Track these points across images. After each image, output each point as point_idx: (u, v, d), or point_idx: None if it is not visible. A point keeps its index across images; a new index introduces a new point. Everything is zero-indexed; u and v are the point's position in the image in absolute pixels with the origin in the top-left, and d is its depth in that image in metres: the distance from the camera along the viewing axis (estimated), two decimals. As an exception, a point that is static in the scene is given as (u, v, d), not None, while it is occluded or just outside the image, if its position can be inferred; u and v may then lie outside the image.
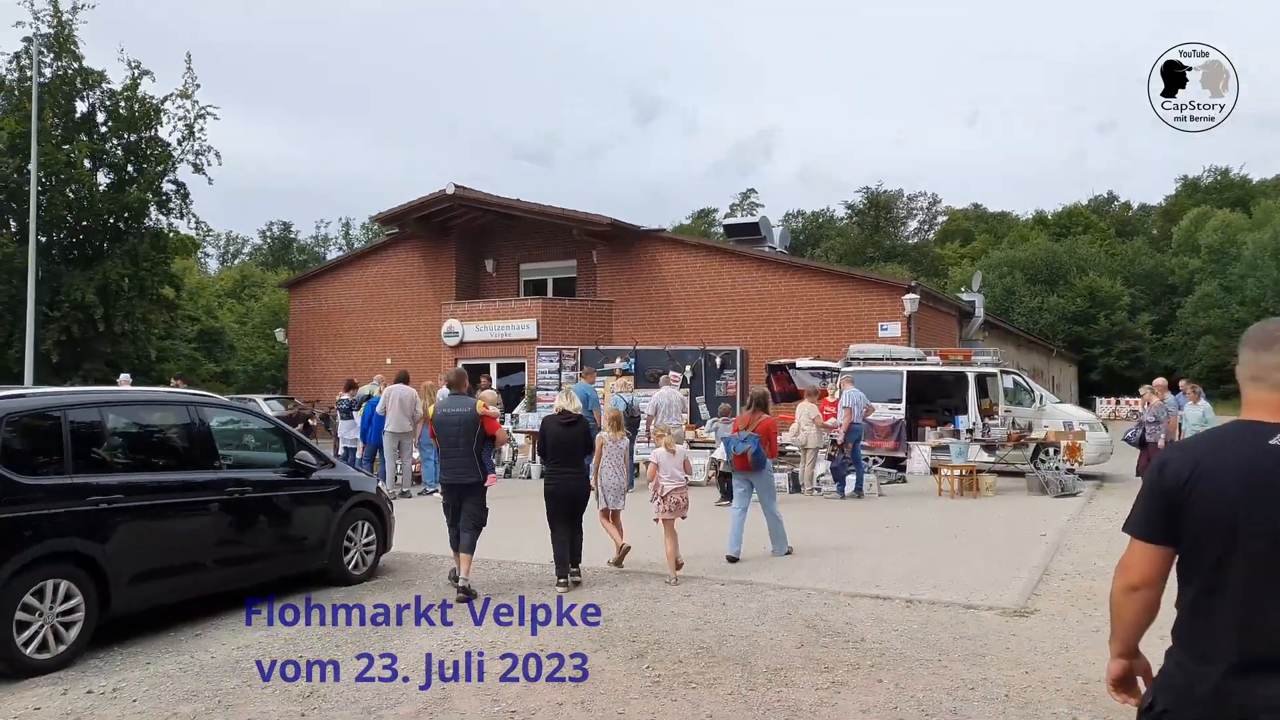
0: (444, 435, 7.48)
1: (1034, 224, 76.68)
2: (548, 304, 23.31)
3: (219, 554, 6.41)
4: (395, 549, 8.95)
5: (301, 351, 28.56)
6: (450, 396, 7.83)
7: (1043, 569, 8.28)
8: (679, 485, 7.91)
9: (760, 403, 9.05)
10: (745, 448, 8.60)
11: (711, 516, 11.45)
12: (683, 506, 7.91)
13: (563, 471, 7.66)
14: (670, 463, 7.96)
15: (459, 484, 7.40)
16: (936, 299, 24.06)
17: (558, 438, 7.66)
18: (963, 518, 11.54)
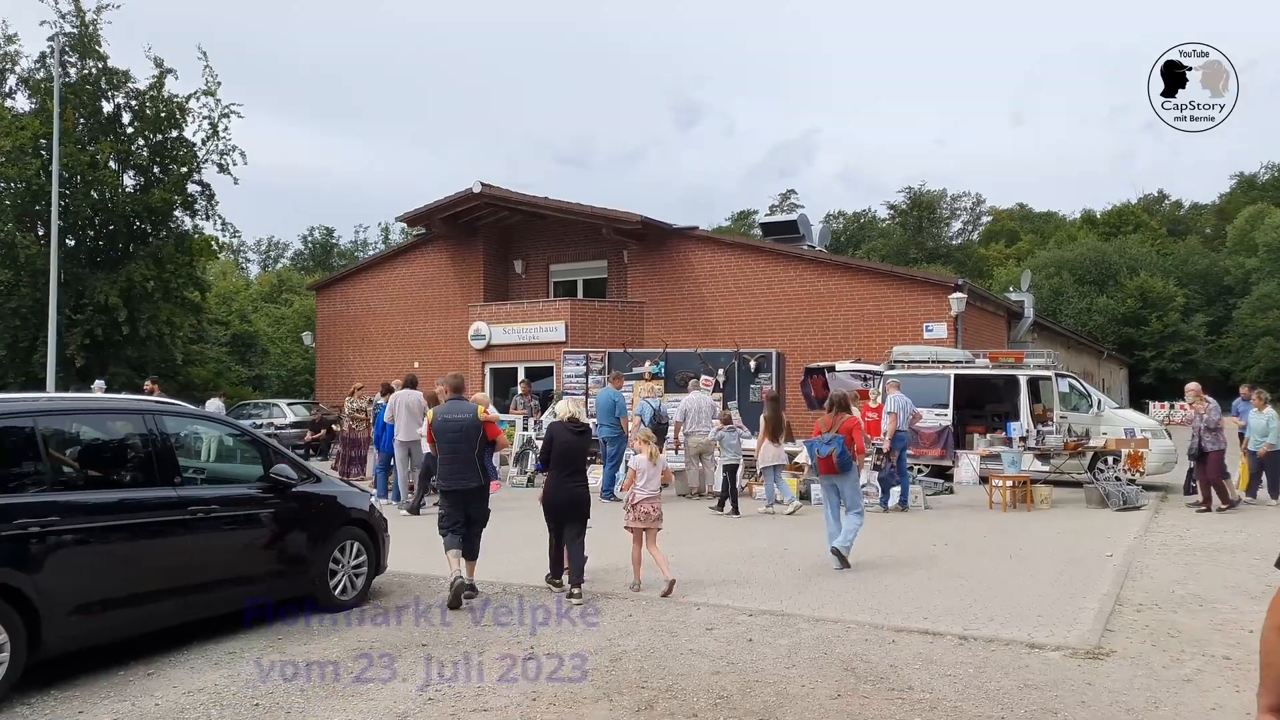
0: (445, 441, 7.36)
1: (1082, 223, 74.60)
2: (576, 305, 22.58)
3: (178, 582, 5.70)
4: (396, 568, 8.24)
5: (329, 355, 28.15)
6: (450, 402, 7.62)
7: (1114, 598, 7.30)
8: (651, 495, 7.61)
9: (842, 404, 8.84)
10: (829, 449, 8.36)
11: (739, 532, 10.60)
12: (653, 517, 7.60)
13: (567, 480, 7.42)
14: (649, 471, 7.65)
15: (463, 490, 7.31)
16: (984, 299, 22.92)
17: (567, 445, 7.41)
18: (1017, 534, 10.55)
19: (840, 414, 8.68)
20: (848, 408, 8.89)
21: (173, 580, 5.67)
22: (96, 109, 24.28)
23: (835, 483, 8.61)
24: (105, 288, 23.00)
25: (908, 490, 12.74)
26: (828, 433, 8.52)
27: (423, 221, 24.94)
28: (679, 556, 9.05)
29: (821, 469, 8.58)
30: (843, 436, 8.43)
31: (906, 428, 12.91)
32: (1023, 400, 15.78)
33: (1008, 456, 13.52)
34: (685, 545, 9.74)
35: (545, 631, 6.37)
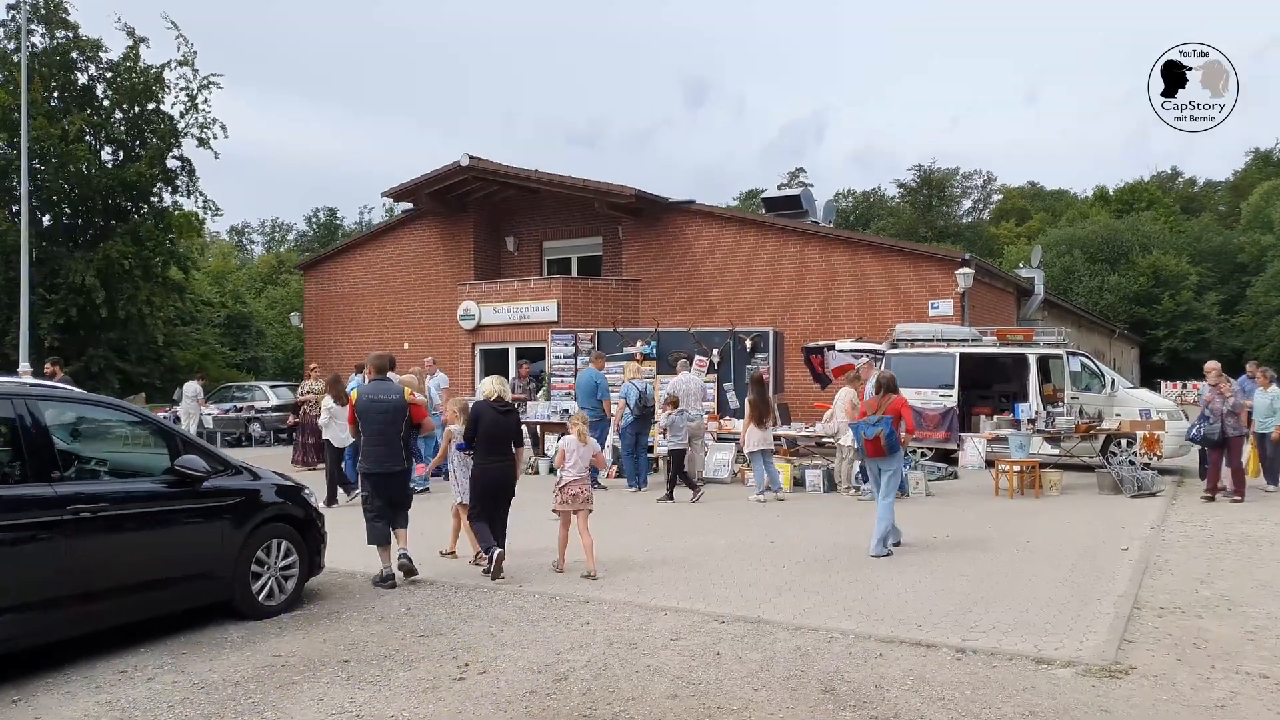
0: (371, 424, 7.16)
1: (1095, 200, 73.27)
2: (569, 284, 21.76)
3: (57, 592, 4.97)
4: (340, 567, 7.53)
5: (317, 336, 27.42)
6: (375, 383, 7.36)
7: (1132, 600, 6.52)
8: (579, 477, 7.45)
9: (890, 385, 8.67)
10: (877, 431, 8.25)
11: (725, 523, 9.84)
12: (582, 499, 7.45)
13: (496, 461, 7.29)
14: (579, 452, 7.47)
15: (388, 473, 7.18)
16: (993, 274, 22.01)
17: (494, 425, 7.24)
18: (1025, 524, 9.77)
19: (888, 395, 8.52)
20: (895, 388, 8.68)
21: (49, 590, 4.93)
22: (69, 81, 23.48)
23: (880, 465, 8.44)
24: (81, 267, 22.29)
25: (905, 478, 11.94)
26: (874, 414, 8.39)
27: (409, 197, 24.12)
28: (656, 551, 8.33)
29: (869, 451, 8.43)
30: (891, 418, 8.30)
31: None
32: (1032, 380, 14.97)
33: (1015, 440, 12.71)
34: (664, 539, 9.01)
35: (486, 643, 5.63)
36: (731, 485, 13.24)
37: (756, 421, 11.59)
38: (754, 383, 12.00)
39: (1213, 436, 11.78)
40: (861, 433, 8.48)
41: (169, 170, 25.02)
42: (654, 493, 12.51)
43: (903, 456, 8.73)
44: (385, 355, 7.59)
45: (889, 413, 8.40)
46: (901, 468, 8.81)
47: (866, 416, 8.54)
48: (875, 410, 8.49)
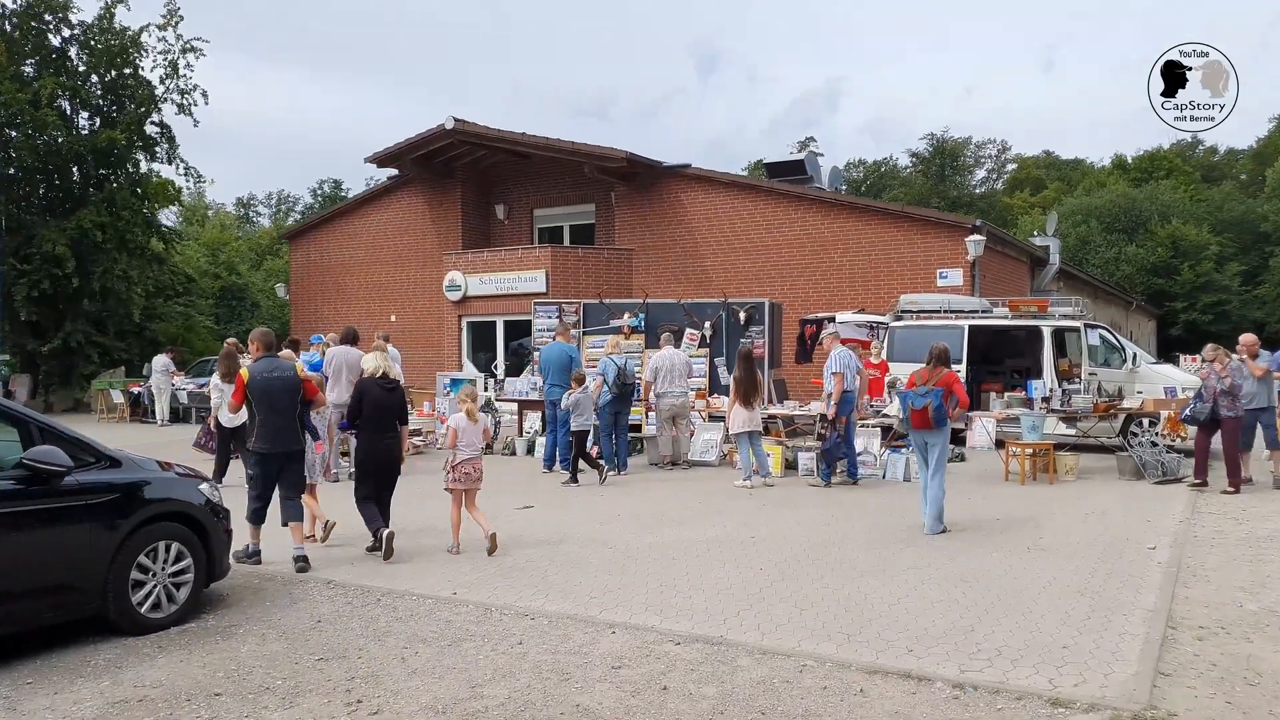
0: (265, 401, 6.80)
1: (1113, 169, 71.46)
2: (558, 253, 20.74)
3: None
4: (265, 568, 6.65)
5: (303, 308, 26.55)
6: (266, 359, 6.97)
7: (1165, 616, 5.56)
8: (473, 456, 7.35)
9: (941, 357, 8.31)
10: (925, 402, 7.92)
11: (703, 513, 8.90)
12: (474, 477, 7.36)
13: (381, 439, 7.19)
14: (470, 431, 7.35)
15: (284, 452, 6.88)
16: (1005, 243, 20.87)
17: (378, 403, 7.14)
18: (1037, 516, 8.81)
19: (939, 367, 8.21)
20: (947, 361, 8.34)
21: None
22: (41, 44, 22.45)
23: (927, 439, 8.10)
24: (55, 236, 21.38)
25: (855, 463, 11.02)
26: (924, 385, 8.09)
27: (394, 162, 23.08)
28: (620, 547, 7.40)
29: (915, 422, 8.06)
30: (941, 390, 7.99)
31: (854, 388, 11.12)
32: (1046, 354, 13.95)
33: (1028, 420, 11.72)
34: (631, 532, 8.07)
35: (394, 670, 4.72)
36: (719, 469, 12.31)
37: (742, 400, 10.64)
38: (741, 358, 11.02)
39: (1200, 416, 10.58)
40: (909, 403, 8.09)
41: (149, 137, 24.02)
42: (634, 477, 11.61)
43: (949, 432, 8.31)
44: (268, 331, 7.23)
45: (940, 385, 8.03)
46: (948, 443, 8.37)
47: (915, 386, 8.17)
48: (925, 381, 8.14)
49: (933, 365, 8.29)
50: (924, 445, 8.21)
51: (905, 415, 8.25)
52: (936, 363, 8.28)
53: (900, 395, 8.61)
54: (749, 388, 10.70)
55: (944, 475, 8.10)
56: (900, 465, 11.24)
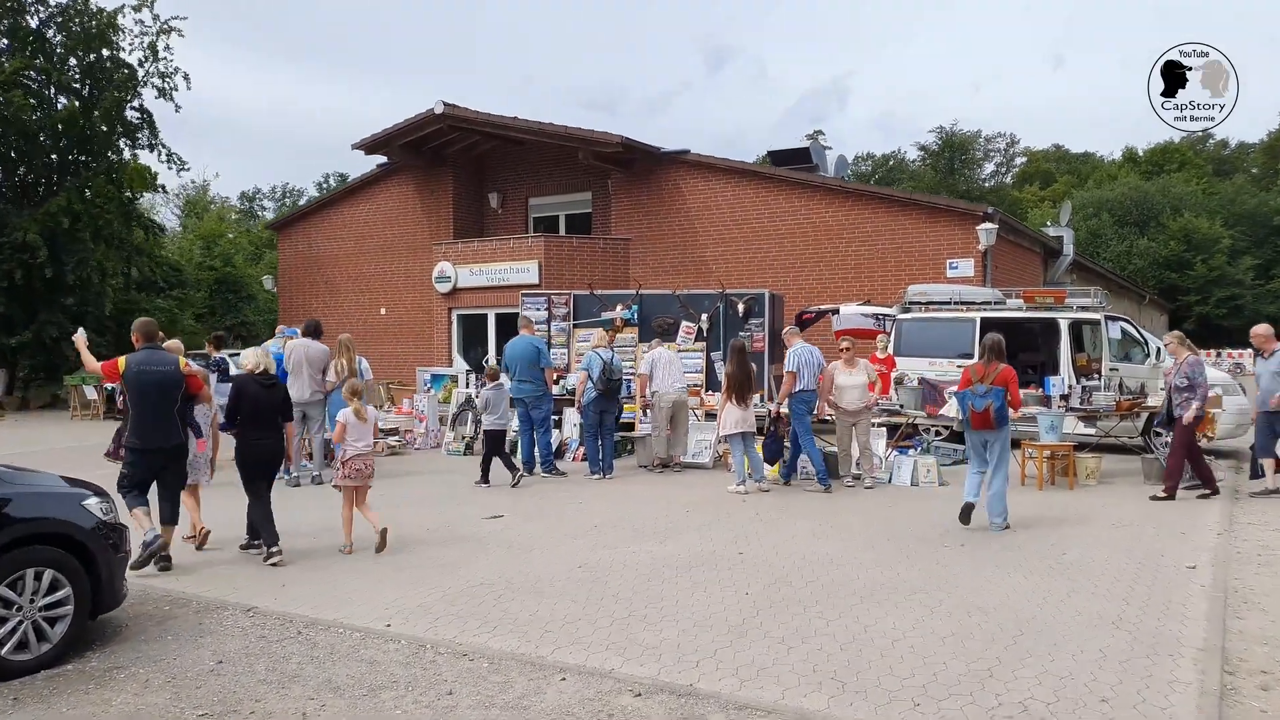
0: (143, 396, 6.52)
1: (1124, 162, 70.31)
2: (551, 243, 19.88)
3: None
4: (177, 588, 5.84)
5: (292, 301, 25.75)
6: (146, 351, 6.70)
7: (1219, 657, 4.71)
8: (362, 452, 7.27)
9: (996, 350, 7.94)
10: (987, 403, 7.64)
11: (687, 524, 8.04)
12: (365, 474, 7.30)
13: (261, 438, 6.94)
14: (358, 428, 7.29)
15: (163, 449, 6.55)
16: (1018, 232, 19.93)
17: (258, 400, 6.91)
18: (1060, 528, 7.95)
19: (995, 362, 7.86)
20: (1002, 354, 7.98)
21: None
22: (17, 24, 21.65)
23: (988, 439, 7.81)
24: (27, 224, 20.60)
25: (795, 464, 10.38)
26: (981, 383, 7.76)
27: (382, 149, 22.22)
28: (590, 564, 6.55)
29: (975, 424, 7.76)
30: (1002, 389, 7.70)
31: (814, 386, 10.29)
32: (1064, 349, 13.07)
33: (1046, 420, 10.83)
34: (606, 547, 7.24)
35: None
36: (713, 471, 11.47)
37: (736, 398, 9.79)
38: (734, 352, 10.17)
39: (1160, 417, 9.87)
40: (969, 403, 7.77)
41: (129, 122, 23.22)
42: (621, 481, 10.79)
43: (1009, 431, 7.96)
44: (150, 321, 6.95)
45: (998, 383, 7.72)
46: (1009, 439, 7.97)
47: (971, 385, 7.84)
48: (982, 377, 7.79)
49: (988, 360, 7.92)
50: (982, 444, 7.89)
51: (965, 416, 7.89)
52: (992, 356, 7.92)
53: (958, 395, 8.16)
54: (743, 384, 9.87)
55: (1007, 471, 7.86)
56: (907, 468, 10.39)
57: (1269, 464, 9.67)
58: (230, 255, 42.99)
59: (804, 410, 10.17)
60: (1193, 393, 9.30)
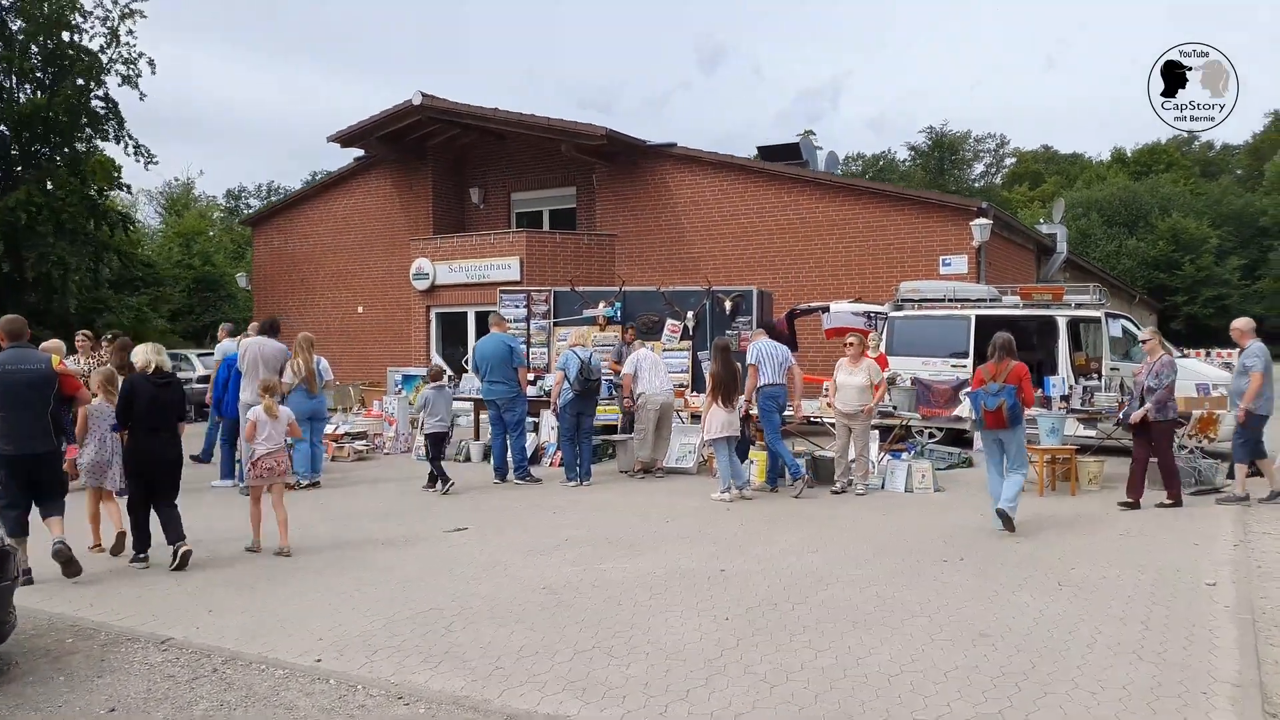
0: (13, 397, 6.16)
1: (1112, 162, 70.17)
2: (533, 238, 19.27)
3: None
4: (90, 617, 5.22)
5: (267, 300, 25.04)
6: (12, 350, 6.34)
7: (1258, 693, 4.16)
8: (274, 449, 7.17)
9: (1007, 348, 7.87)
10: (999, 402, 7.60)
11: (665, 536, 7.45)
12: (277, 472, 7.19)
13: (153, 440, 6.64)
14: (269, 426, 7.21)
15: (33, 454, 6.19)
16: (1012, 228, 19.41)
17: (152, 400, 6.60)
18: (1064, 538, 7.41)
19: (1005, 359, 7.79)
20: (1014, 352, 7.90)
21: None
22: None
23: (1001, 437, 7.76)
24: (-19, 219, 19.87)
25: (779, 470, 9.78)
26: (994, 382, 7.70)
27: (359, 142, 21.56)
28: (555, 586, 5.94)
29: (989, 423, 7.70)
30: (1014, 386, 7.64)
31: (780, 381, 9.79)
32: (1062, 347, 12.56)
33: (1046, 422, 10.29)
34: (575, 564, 6.64)
35: None
36: (697, 477, 10.88)
37: (723, 399, 9.21)
38: (718, 351, 9.58)
39: (1129, 419, 9.03)
40: (981, 402, 7.71)
41: (94, 112, 22.44)
42: (599, 488, 10.21)
43: (1024, 429, 7.90)
44: (17, 318, 6.57)
45: (1010, 380, 7.66)
46: (1024, 435, 7.92)
47: (984, 384, 7.78)
48: (994, 376, 7.74)
49: (999, 358, 7.84)
50: (996, 442, 7.82)
51: (978, 416, 7.81)
52: (1003, 354, 7.84)
53: (970, 395, 8.09)
54: (729, 385, 9.29)
55: (1025, 469, 7.86)
56: (901, 474, 9.83)
57: (1241, 469, 9.18)
58: (210, 254, 42.23)
59: (772, 407, 9.68)
60: (1159, 393, 8.76)
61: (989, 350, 8.04)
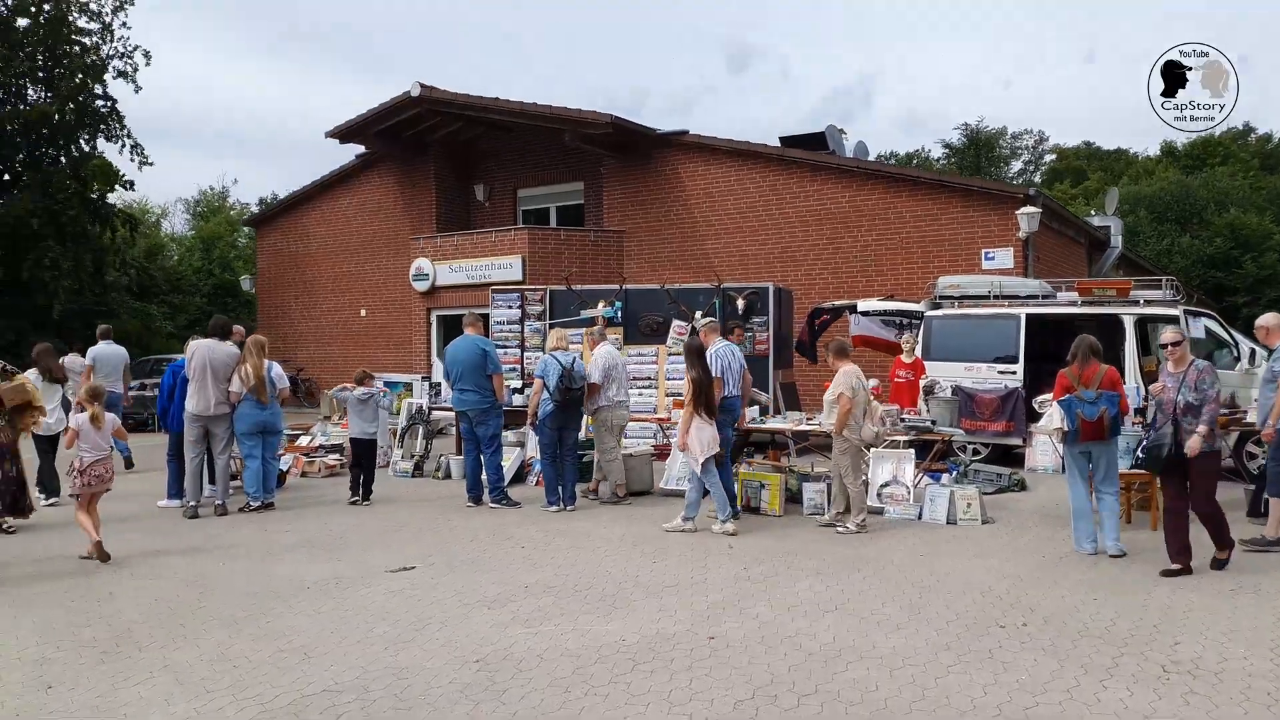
0: None
1: (1162, 157, 67.32)
2: (535, 235, 17.92)
3: None
4: None
5: (271, 303, 23.98)
6: None
7: None
8: (99, 458, 7.03)
9: (1095, 350, 7.04)
10: (1100, 410, 6.75)
11: (641, 583, 5.94)
12: (106, 479, 7.09)
13: None
14: (94, 434, 7.03)
15: None
16: (1061, 219, 17.64)
17: None
18: (1154, 594, 5.82)
19: (1093, 362, 6.95)
20: (1100, 354, 7.06)
21: None
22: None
23: (1093, 449, 6.95)
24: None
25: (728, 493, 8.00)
26: (1087, 389, 6.84)
27: (357, 137, 20.38)
28: (492, 657, 4.43)
29: (1086, 434, 6.80)
30: (1116, 395, 6.87)
31: (737, 392, 8.61)
32: (1129, 351, 10.89)
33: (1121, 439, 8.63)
34: (527, 622, 5.16)
35: None
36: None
37: (706, 411, 7.71)
38: (694, 354, 8.00)
39: (1159, 452, 6.42)
40: (1077, 411, 6.79)
41: (95, 111, 21.54)
42: (583, 516, 8.75)
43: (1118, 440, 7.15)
44: None
45: (1105, 386, 6.86)
46: (1117, 449, 7.15)
47: (1076, 391, 6.87)
48: (1086, 381, 6.87)
49: (1083, 360, 6.98)
50: (1086, 455, 6.99)
51: (1074, 427, 6.84)
52: (1090, 357, 6.98)
53: (1063, 403, 6.96)
54: (711, 394, 7.83)
55: (1118, 483, 7.12)
56: (942, 501, 8.25)
57: (1276, 505, 7.06)
58: (229, 259, 41.57)
59: (727, 420, 8.35)
60: (1198, 414, 6.32)
61: (1070, 353, 7.07)
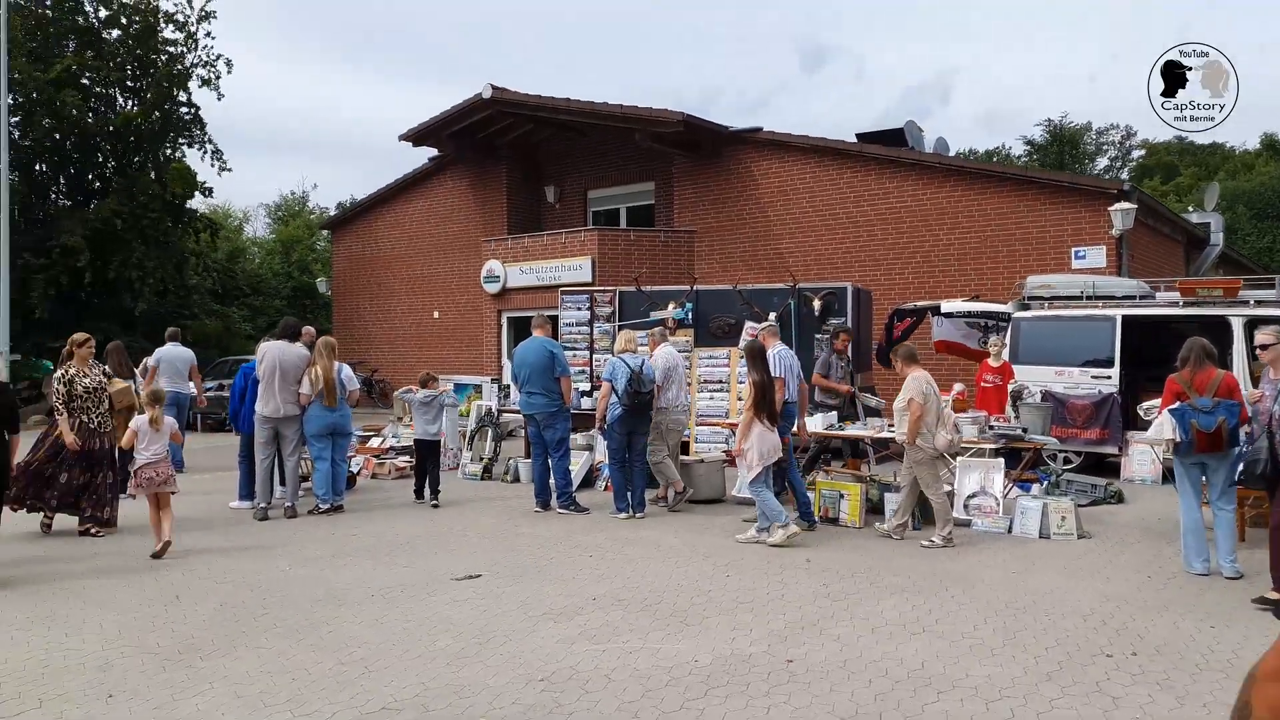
0: None
1: (1262, 150, 64.08)
2: (605, 236, 17.75)
3: None
4: None
5: (346, 306, 24.37)
6: None
7: None
8: (152, 460, 7.09)
9: (1209, 353, 6.56)
10: (1219, 420, 6.17)
11: (712, 600, 5.65)
12: (158, 481, 7.06)
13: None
14: (151, 437, 7.12)
15: None
16: (1157, 215, 16.72)
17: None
18: (1278, 625, 5.30)
19: (1206, 365, 6.45)
20: (1213, 356, 6.60)
21: None
22: (75, 23, 20.85)
23: (1208, 460, 6.39)
24: (75, 226, 19.73)
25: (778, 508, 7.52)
26: (1203, 396, 6.30)
27: (430, 140, 20.53)
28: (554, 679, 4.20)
29: (1201, 445, 6.24)
30: (1235, 404, 6.31)
31: (796, 398, 8.32)
32: (1237, 356, 10.17)
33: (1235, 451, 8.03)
34: (593, 641, 4.93)
35: None
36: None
37: (768, 417, 7.37)
38: (755, 355, 7.67)
39: (1255, 468, 5.90)
40: (1191, 421, 6.22)
41: (180, 118, 22.22)
42: (652, 523, 8.50)
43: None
44: None
45: (1222, 394, 6.31)
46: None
47: (1188, 399, 6.32)
48: (1201, 389, 6.31)
49: (1196, 365, 6.47)
50: (1200, 467, 6.43)
51: (1188, 437, 6.26)
52: (1204, 361, 6.48)
53: (1174, 412, 6.38)
54: (774, 398, 7.51)
55: (1234, 497, 6.61)
56: (1034, 514, 7.76)
57: None
58: (307, 262, 42.55)
59: (785, 427, 8.02)
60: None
61: (1180, 357, 6.55)
